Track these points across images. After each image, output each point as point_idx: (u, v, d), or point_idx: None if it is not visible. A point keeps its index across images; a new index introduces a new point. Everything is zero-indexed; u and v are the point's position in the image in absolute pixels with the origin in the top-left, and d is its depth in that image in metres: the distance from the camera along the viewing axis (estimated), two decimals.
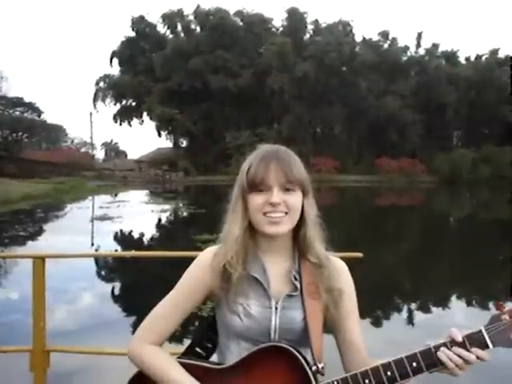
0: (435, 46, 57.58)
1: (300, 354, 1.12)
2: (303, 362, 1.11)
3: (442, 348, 1.05)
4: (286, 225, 1.18)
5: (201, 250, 1.32)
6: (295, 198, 1.19)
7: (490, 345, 1.05)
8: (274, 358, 1.13)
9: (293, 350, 1.12)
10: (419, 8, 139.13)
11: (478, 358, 1.04)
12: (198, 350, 1.32)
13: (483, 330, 1.05)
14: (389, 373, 1.05)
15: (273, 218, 1.16)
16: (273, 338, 1.17)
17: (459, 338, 1.05)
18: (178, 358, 1.25)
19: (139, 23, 58.76)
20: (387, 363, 1.06)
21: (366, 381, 1.06)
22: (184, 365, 1.19)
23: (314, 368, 1.11)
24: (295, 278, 1.21)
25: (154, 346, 1.22)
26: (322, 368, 1.12)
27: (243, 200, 1.21)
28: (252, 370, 1.13)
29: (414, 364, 1.05)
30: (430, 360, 1.05)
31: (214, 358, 1.33)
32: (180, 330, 1.28)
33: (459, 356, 1.04)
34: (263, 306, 1.19)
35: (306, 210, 1.22)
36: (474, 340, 1.05)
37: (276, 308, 1.18)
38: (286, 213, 1.17)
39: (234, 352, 1.21)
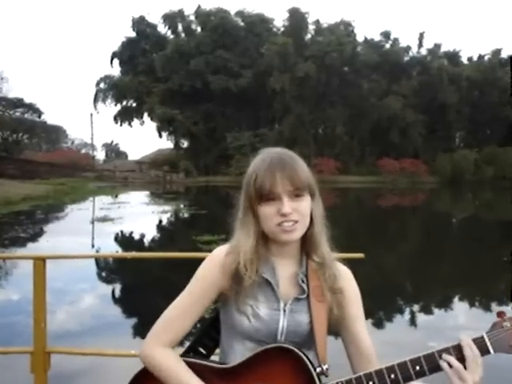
0: (437, 46, 57.63)
1: (305, 355, 1.13)
2: (308, 363, 1.12)
3: (444, 355, 1.07)
4: (298, 231, 1.19)
5: (202, 250, 1.32)
6: (305, 204, 1.19)
7: (492, 351, 1.07)
8: (279, 358, 1.13)
9: (298, 351, 1.12)
10: (421, 8, 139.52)
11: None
12: (199, 348, 1.32)
13: (485, 336, 1.08)
14: (392, 375, 1.07)
15: (285, 227, 1.16)
16: (279, 339, 1.18)
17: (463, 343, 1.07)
18: (181, 355, 1.25)
19: (140, 24, 58.90)
20: (391, 366, 1.08)
21: (370, 383, 1.07)
22: (189, 364, 1.19)
23: (318, 369, 1.12)
24: (302, 281, 1.22)
25: (167, 348, 1.21)
26: (327, 369, 1.13)
27: (253, 210, 1.20)
28: (257, 371, 1.14)
29: (418, 367, 1.07)
30: (432, 364, 1.07)
31: (216, 357, 1.32)
32: None
33: (460, 360, 1.05)
34: (272, 308, 1.19)
35: (314, 212, 1.23)
36: (476, 345, 1.07)
37: (284, 310, 1.19)
38: (298, 220, 1.17)
39: (238, 352, 1.21)
